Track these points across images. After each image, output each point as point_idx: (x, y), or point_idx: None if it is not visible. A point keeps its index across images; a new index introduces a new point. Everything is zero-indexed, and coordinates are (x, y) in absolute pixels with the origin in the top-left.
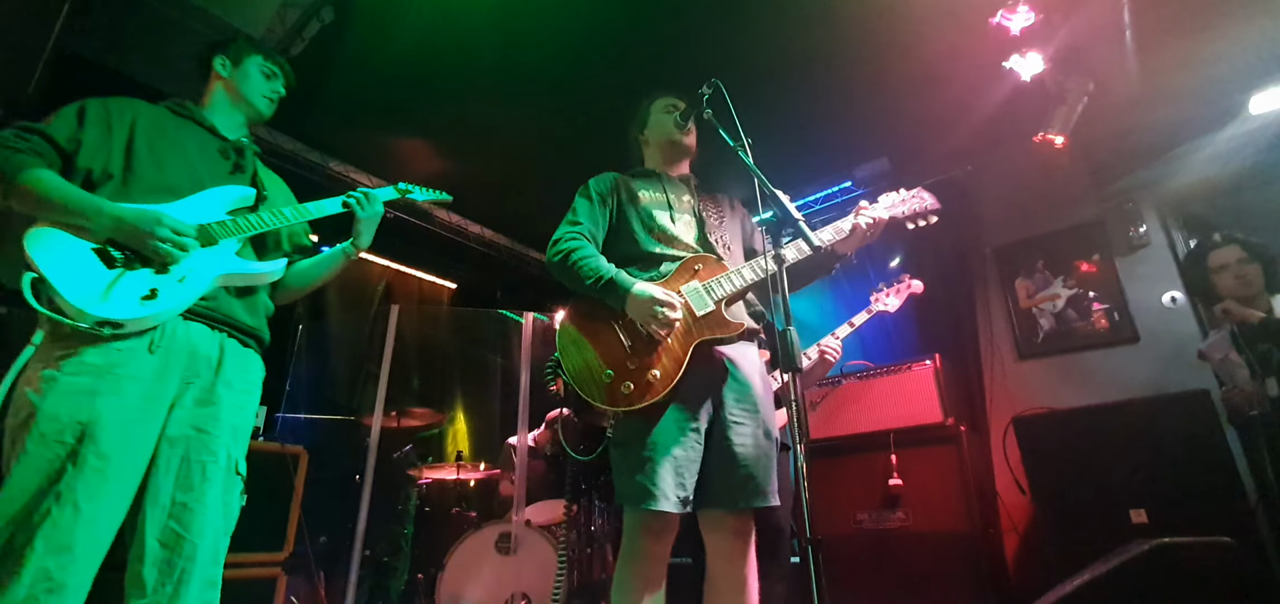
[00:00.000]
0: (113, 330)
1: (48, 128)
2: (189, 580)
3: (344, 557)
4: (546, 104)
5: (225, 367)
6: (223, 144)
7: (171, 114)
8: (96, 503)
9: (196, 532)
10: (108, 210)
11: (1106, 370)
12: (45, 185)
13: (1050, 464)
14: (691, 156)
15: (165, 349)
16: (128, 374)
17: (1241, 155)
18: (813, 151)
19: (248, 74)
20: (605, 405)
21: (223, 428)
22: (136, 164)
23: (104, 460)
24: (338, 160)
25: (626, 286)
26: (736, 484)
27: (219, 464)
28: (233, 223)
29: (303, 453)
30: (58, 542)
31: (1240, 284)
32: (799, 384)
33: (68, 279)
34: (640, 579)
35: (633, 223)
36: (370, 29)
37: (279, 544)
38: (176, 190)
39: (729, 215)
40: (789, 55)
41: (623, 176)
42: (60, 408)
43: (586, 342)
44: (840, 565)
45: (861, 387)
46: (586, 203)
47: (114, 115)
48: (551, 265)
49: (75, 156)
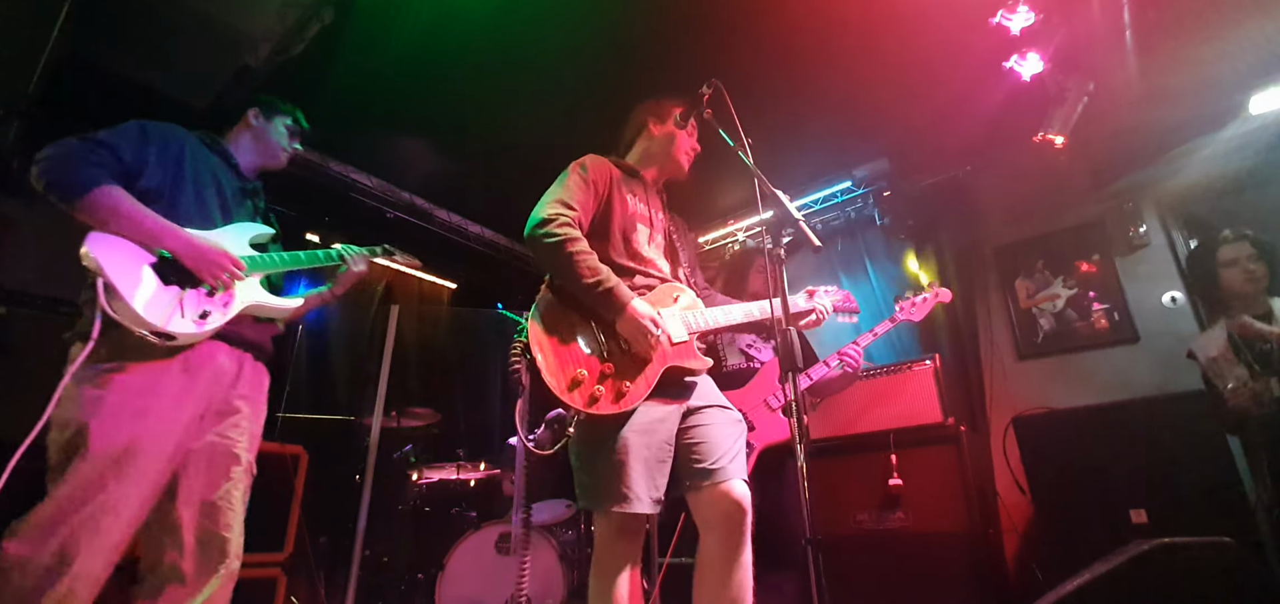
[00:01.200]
0: (168, 343)
1: (115, 142)
2: (220, 571)
3: (344, 557)
4: (547, 103)
5: (242, 381)
6: (243, 183)
7: (205, 146)
8: (133, 508)
9: (225, 527)
10: (182, 234)
11: (1106, 370)
12: (119, 201)
13: (1050, 464)
14: (681, 177)
15: (196, 367)
16: (164, 392)
17: (1241, 155)
18: (812, 151)
19: (276, 129)
20: (576, 406)
21: (243, 434)
22: (183, 189)
23: (143, 474)
24: (338, 160)
25: (625, 301)
26: (713, 459)
27: (241, 467)
28: (260, 259)
29: (303, 453)
30: (101, 545)
31: (1248, 280)
32: (799, 388)
33: (137, 290)
34: (615, 581)
35: (614, 228)
36: (370, 29)
37: (279, 544)
38: (212, 219)
39: (683, 240)
40: (789, 55)
41: (616, 168)
42: (112, 429)
43: (561, 334)
44: (840, 565)
45: (861, 387)
46: (581, 185)
47: (169, 137)
48: (539, 245)
49: (138, 173)
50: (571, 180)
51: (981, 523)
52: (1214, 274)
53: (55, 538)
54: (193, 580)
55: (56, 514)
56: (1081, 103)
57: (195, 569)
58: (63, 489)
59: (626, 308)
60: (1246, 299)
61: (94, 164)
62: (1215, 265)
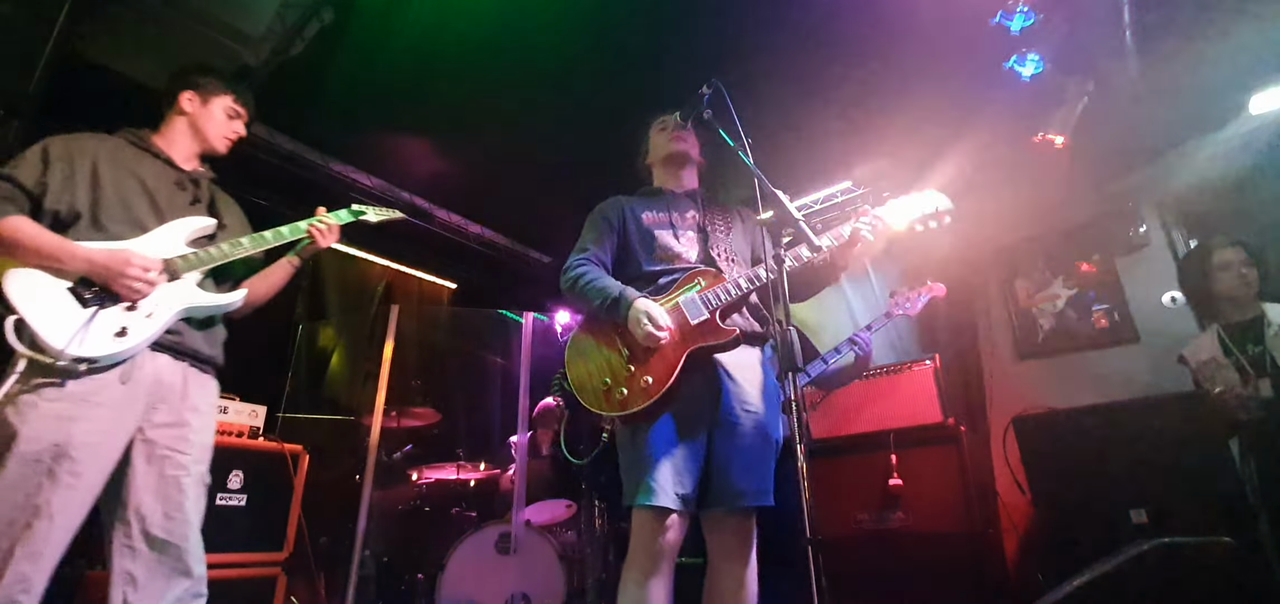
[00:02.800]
0: (88, 366)
1: (15, 173)
2: (176, 576)
3: (344, 557)
4: (547, 103)
5: (190, 393)
6: (179, 175)
7: (130, 145)
8: (67, 513)
9: (180, 535)
10: (80, 253)
11: (1106, 370)
12: (19, 232)
13: (1050, 464)
14: (694, 164)
15: (135, 380)
16: (99, 401)
17: (1241, 155)
18: (813, 152)
19: (212, 115)
20: (601, 410)
21: (194, 446)
22: (103, 201)
23: (76, 477)
24: (338, 160)
25: (629, 302)
26: (736, 485)
27: (192, 477)
28: (195, 256)
29: (303, 453)
30: (33, 549)
31: (1240, 285)
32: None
33: (46, 320)
34: (643, 576)
35: (635, 245)
36: (370, 29)
37: (279, 544)
38: (142, 225)
39: (738, 226)
40: (789, 54)
41: (627, 200)
42: (40, 430)
43: (589, 353)
44: (840, 565)
45: (861, 387)
46: (593, 229)
47: (76, 154)
48: (565, 293)
49: (42, 199)
50: (585, 227)
51: (981, 523)
52: (1207, 278)
53: None
54: (143, 585)
55: None
56: (1081, 103)
57: (147, 576)
58: None
59: (631, 307)
60: (1238, 303)
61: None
62: (1209, 269)
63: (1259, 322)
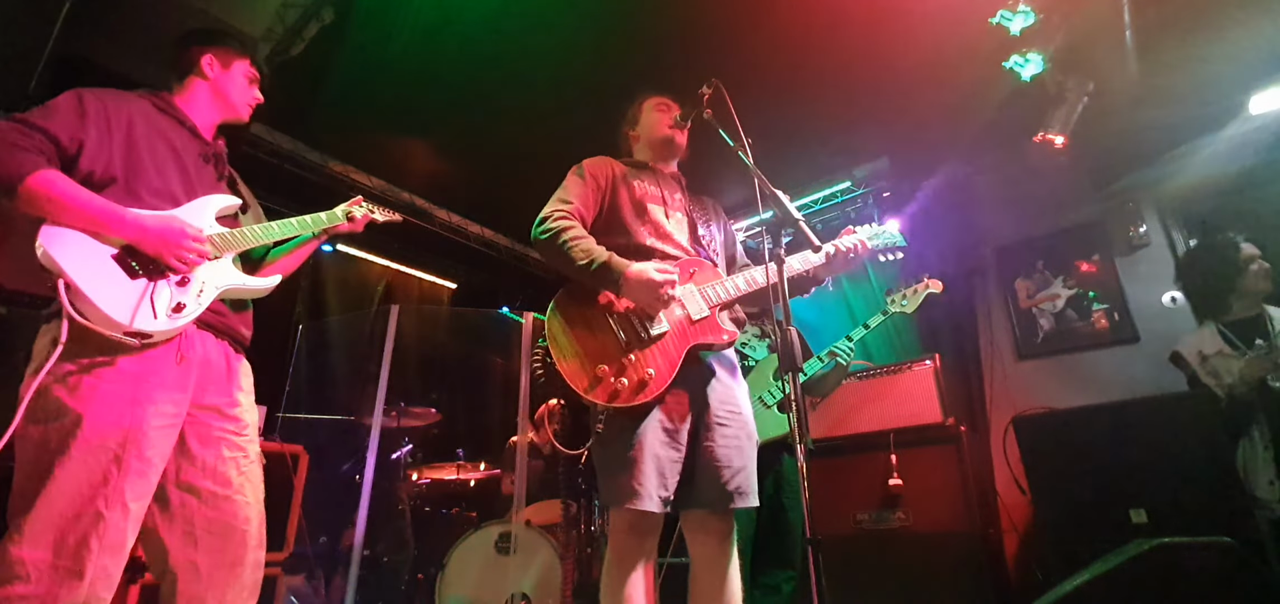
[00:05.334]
0: (143, 343)
1: (48, 124)
2: (242, 562)
3: (344, 557)
4: (546, 103)
5: (236, 374)
6: (204, 147)
7: (157, 110)
8: (140, 501)
9: (243, 520)
10: (129, 219)
11: (1106, 370)
12: (56, 188)
13: (1050, 464)
14: (681, 157)
15: (188, 359)
16: (160, 382)
17: (1241, 155)
18: (813, 151)
19: (235, 79)
20: (599, 401)
21: (249, 428)
22: (138, 167)
23: (146, 464)
24: (338, 160)
25: (621, 269)
26: (720, 486)
27: (251, 459)
28: (232, 236)
29: (303, 453)
30: (112, 540)
31: (1264, 278)
32: (799, 388)
33: (102, 290)
34: (626, 579)
35: (625, 212)
36: (370, 29)
37: (279, 544)
38: (174, 197)
39: (714, 220)
40: (789, 54)
41: (620, 164)
42: (105, 416)
43: (580, 331)
44: (840, 565)
45: (861, 387)
46: (578, 181)
47: (113, 111)
48: (538, 243)
49: (78, 157)
50: (568, 180)
51: (981, 523)
52: (1236, 270)
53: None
54: (208, 575)
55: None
56: (1081, 103)
57: (211, 564)
58: (58, 486)
59: (625, 273)
60: (1254, 297)
61: (25, 149)
62: (1238, 260)
63: (1261, 319)
